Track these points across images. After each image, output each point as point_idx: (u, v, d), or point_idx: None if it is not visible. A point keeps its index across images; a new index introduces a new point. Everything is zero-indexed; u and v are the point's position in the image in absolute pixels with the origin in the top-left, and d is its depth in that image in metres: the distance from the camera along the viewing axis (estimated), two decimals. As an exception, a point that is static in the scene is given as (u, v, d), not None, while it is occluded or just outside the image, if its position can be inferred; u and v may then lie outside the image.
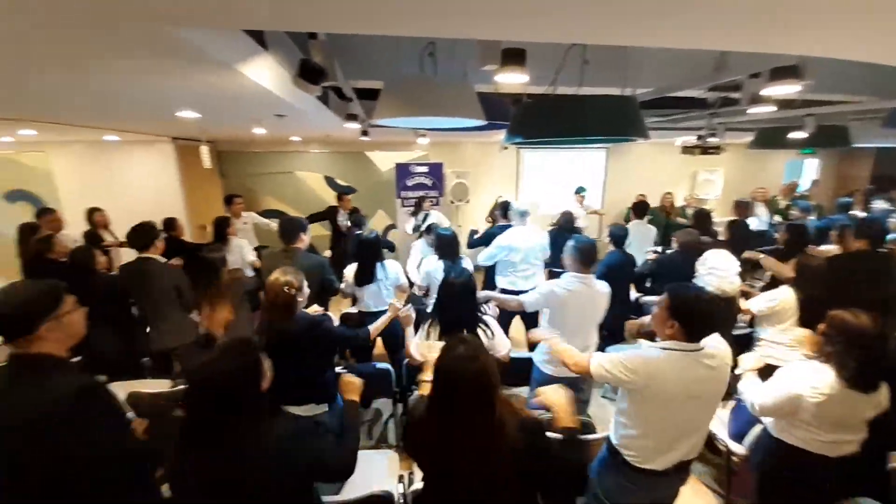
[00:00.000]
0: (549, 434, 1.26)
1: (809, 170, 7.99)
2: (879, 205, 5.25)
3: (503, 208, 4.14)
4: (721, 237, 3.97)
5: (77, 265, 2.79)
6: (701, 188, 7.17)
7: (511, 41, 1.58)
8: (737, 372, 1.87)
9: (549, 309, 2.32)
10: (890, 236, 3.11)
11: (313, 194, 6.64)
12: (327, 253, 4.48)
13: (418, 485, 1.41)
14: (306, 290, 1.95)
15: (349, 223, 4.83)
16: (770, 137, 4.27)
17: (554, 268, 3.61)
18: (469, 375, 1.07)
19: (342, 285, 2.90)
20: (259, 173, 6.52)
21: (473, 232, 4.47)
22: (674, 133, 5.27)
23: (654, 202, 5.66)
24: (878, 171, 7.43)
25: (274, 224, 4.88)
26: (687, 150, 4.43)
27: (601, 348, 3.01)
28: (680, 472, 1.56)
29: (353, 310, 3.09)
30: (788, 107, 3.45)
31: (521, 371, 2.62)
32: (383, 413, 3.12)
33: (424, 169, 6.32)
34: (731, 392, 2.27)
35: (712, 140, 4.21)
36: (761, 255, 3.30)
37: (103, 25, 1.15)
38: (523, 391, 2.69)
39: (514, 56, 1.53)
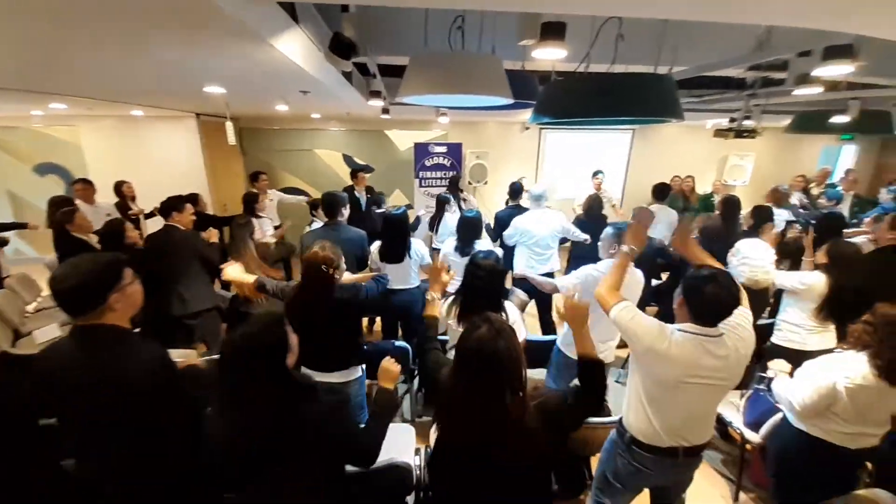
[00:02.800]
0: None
1: (846, 157, 7.58)
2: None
3: (513, 190, 4.09)
4: (744, 226, 3.83)
5: (109, 238, 2.86)
6: (730, 174, 6.90)
7: (550, 14, 1.51)
8: (769, 374, 1.84)
9: (585, 294, 2.31)
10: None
11: (331, 172, 6.67)
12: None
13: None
14: (343, 266, 2.00)
15: (366, 201, 4.84)
16: (809, 121, 4.05)
17: (580, 254, 3.53)
18: (492, 355, 1.07)
19: (368, 262, 2.94)
20: (278, 150, 6.56)
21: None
22: (705, 115, 5.06)
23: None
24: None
25: (294, 199, 4.98)
26: (720, 133, 4.24)
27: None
28: (689, 458, 1.55)
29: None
30: (833, 89, 3.26)
31: (536, 354, 2.64)
32: (399, 389, 3.20)
33: (443, 149, 6.25)
34: (748, 382, 2.26)
35: (747, 123, 4.03)
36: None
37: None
38: (539, 373, 2.72)
39: (554, 30, 1.47)
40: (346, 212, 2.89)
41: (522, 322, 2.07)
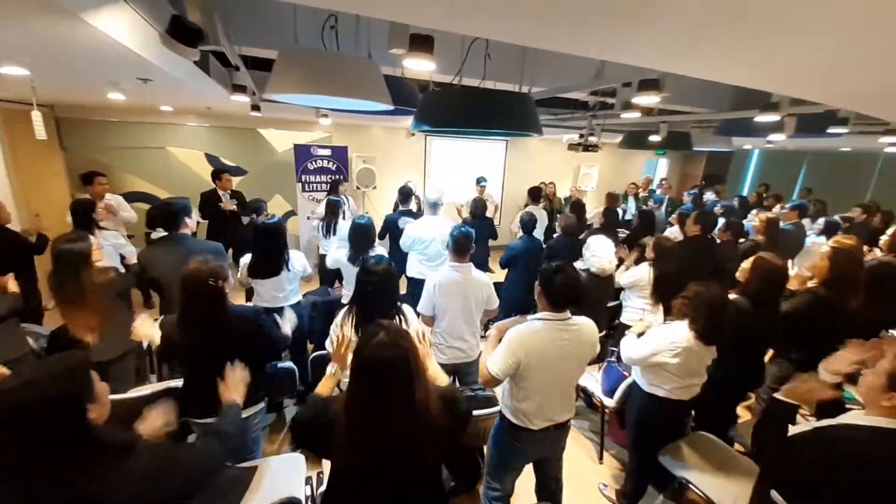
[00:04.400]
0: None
1: (661, 168, 9.64)
2: (709, 196, 6.58)
3: (403, 194, 4.14)
4: (596, 223, 4.58)
5: None
6: (582, 181, 8.12)
7: (419, 27, 1.54)
8: (630, 332, 2.24)
9: (439, 302, 2.42)
10: (719, 223, 3.93)
11: (190, 174, 5.77)
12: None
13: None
14: (232, 281, 1.72)
15: (235, 207, 4.32)
16: (635, 139, 5.02)
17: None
18: (391, 362, 1.06)
19: (238, 277, 2.59)
20: (116, 147, 5.42)
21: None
22: (561, 131, 5.84)
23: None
24: (708, 170, 9.32)
25: (128, 214, 4.13)
26: (572, 147, 4.95)
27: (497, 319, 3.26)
28: (558, 431, 1.81)
29: (248, 304, 2.80)
30: (649, 114, 4.08)
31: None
32: (286, 416, 2.93)
33: (327, 152, 5.94)
34: (602, 357, 2.69)
35: (592, 139, 4.78)
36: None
37: None
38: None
39: (421, 42, 1.50)
40: (190, 221, 2.52)
41: (419, 323, 2.07)
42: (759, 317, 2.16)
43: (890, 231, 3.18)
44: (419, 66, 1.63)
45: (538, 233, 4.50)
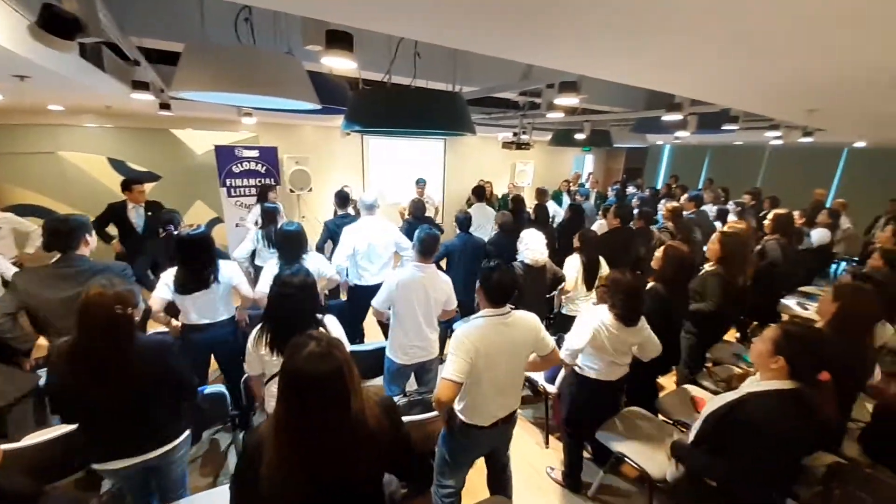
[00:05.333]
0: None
1: (588, 163, 10.34)
2: (631, 189, 7.18)
3: (340, 198, 3.99)
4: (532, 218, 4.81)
5: None
6: (518, 178, 8.44)
7: (336, 24, 1.47)
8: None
9: (394, 301, 2.39)
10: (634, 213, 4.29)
11: (92, 182, 5.08)
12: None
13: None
14: (142, 306, 1.50)
15: (147, 220, 3.84)
16: (562, 137, 5.31)
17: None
18: (327, 374, 0.99)
19: (152, 296, 2.30)
20: (-6, 153, 4.62)
21: None
22: (496, 129, 6.01)
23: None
24: (628, 164, 10.17)
25: (32, 225, 3.63)
26: (506, 145, 5.11)
27: (454, 321, 3.28)
28: (505, 425, 1.85)
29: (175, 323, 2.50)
30: (573, 113, 4.33)
31: (375, 362, 2.63)
32: (220, 443, 2.69)
33: (254, 153, 5.54)
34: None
35: (524, 137, 4.96)
36: None
37: None
38: (377, 381, 2.71)
39: (339, 39, 1.43)
40: (91, 240, 2.21)
41: (343, 331, 1.98)
42: (675, 302, 2.40)
43: (770, 215, 3.67)
44: (338, 64, 1.56)
45: (484, 230, 4.58)
